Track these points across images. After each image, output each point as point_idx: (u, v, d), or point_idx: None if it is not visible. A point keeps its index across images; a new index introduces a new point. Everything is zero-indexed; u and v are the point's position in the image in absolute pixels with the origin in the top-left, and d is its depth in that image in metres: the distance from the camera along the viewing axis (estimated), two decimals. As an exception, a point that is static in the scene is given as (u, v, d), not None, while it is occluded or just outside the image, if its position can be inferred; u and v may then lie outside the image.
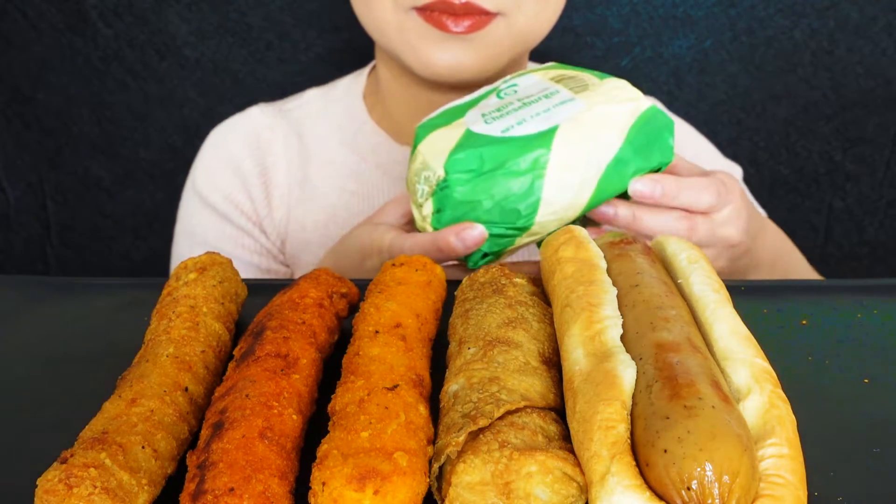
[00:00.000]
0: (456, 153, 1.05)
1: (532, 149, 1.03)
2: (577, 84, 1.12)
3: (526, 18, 1.35)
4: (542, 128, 1.05)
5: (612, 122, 1.07)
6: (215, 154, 1.61)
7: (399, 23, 1.33)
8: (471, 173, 1.04)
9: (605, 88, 1.10)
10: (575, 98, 1.09)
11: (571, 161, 1.04)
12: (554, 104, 1.08)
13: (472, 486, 0.62)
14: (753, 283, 1.11)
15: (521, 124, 1.06)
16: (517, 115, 1.07)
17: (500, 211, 1.04)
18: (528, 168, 1.03)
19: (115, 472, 0.64)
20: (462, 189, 1.04)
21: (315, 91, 1.68)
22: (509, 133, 1.05)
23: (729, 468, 0.57)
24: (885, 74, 1.87)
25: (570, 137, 1.04)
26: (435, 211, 1.08)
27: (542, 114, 1.07)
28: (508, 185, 1.03)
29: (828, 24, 1.83)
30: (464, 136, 1.07)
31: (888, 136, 1.93)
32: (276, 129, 1.60)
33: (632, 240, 0.91)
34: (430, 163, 1.08)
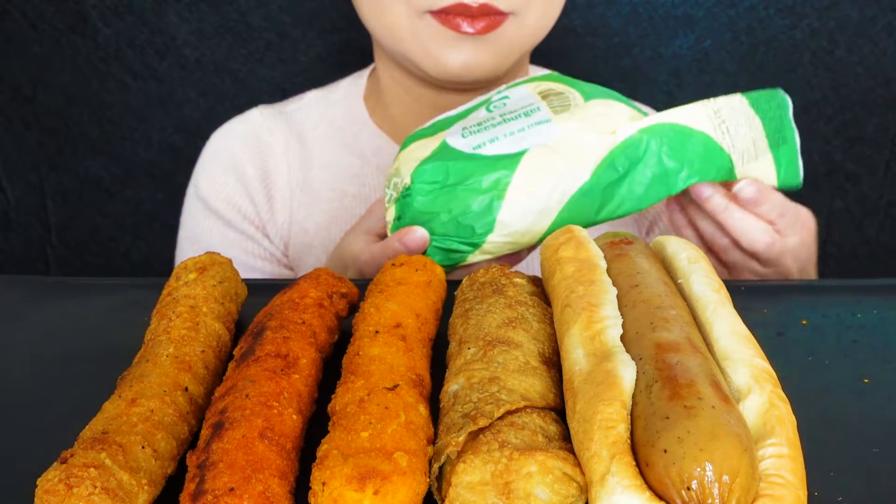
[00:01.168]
0: (425, 164, 1.07)
1: (496, 169, 1.04)
2: (561, 103, 1.11)
3: (535, 17, 1.36)
4: (512, 150, 1.06)
5: (582, 152, 1.06)
6: (217, 159, 1.60)
7: (413, 26, 1.33)
8: (434, 185, 1.05)
9: (588, 113, 1.10)
10: (551, 120, 1.08)
11: (533, 187, 1.05)
12: (530, 124, 1.08)
13: (472, 486, 0.62)
14: (753, 283, 1.11)
15: (493, 142, 1.07)
16: (492, 133, 1.08)
17: (456, 225, 1.05)
18: (488, 187, 1.04)
19: (115, 472, 0.64)
20: (422, 199, 1.06)
21: (315, 93, 1.67)
22: (479, 150, 1.06)
23: (729, 468, 0.57)
24: (885, 74, 1.87)
25: (537, 163, 1.05)
26: (396, 217, 1.10)
27: (515, 133, 1.07)
28: (468, 201, 1.04)
29: (828, 24, 1.83)
30: (438, 147, 1.09)
31: (888, 136, 1.93)
32: (276, 132, 1.60)
33: (632, 240, 0.91)
34: (401, 170, 1.10)
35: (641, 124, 1.09)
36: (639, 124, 1.08)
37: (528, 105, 1.12)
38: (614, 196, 1.07)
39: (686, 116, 1.10)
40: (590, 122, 1.08)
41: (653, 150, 1.07)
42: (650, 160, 1.07)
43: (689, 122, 1.10)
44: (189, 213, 1.61)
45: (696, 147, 1.09)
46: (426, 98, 1.51)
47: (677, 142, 1.08)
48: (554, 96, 1.13)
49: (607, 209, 1.08)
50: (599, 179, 1.06)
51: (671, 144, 1.08)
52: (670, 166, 1.08)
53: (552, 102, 1.12)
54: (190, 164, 1.65)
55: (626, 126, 1.08)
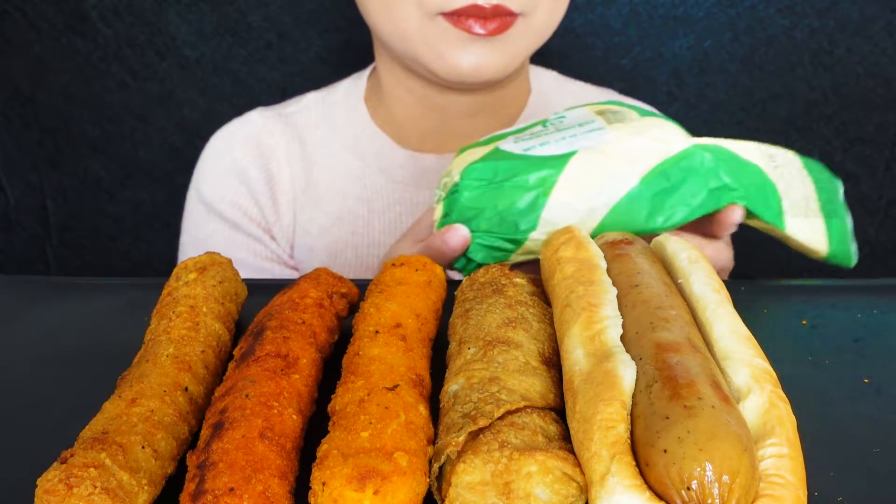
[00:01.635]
0: (475, 163, 1.07)
1: (544, 168, 1.04)
2: (616, 117, 1.12)
3: (542, 18, 1.38)
4: (561, 151, 1.06)
5: (633, 158, 1.05)
6: (218, 161, 1.60)
7: (423, 28, 1.33)
8: (482, 182, 1.05)
9: (642, 125, 1.10)
10: (605, 128, 1.09)
11: (580, 187, 1.04)
12: (582, 132, 1.09)
13: (472, 486, 0.62)
14: (753, 283, 1.11)
15: (544, 146, 1.07)
16: (544, 139, 1.09)
17: (500, 221, 1.05)
18: (535, 184, 1.04)
19: (115, 472, 0.64)
20: (469, 195, 1.05)
21: (314, 94, 1.67)
22: (529, 152, 1.07)
23: (729, 468, 0.57)
24: (885, 74, 1.87)
25: (585, 164, 1.04)
26: (443, 215, 1.09)
27: (567, 139, 1.08)
28: (513, 197, 1.04)
29: (828, 24, 1.83)
30: (490, 151, 1.09)
31: (888, 136, 1.93)
32: (276, 134, 1.60)
33: (632, 240, 0.91)
34: (452, 170, 1.11)
35: (697, 140, 1.08)
36: (694, 140, 1.08)
37: (584, 119, 1.13)
38: (664, 205, 1.05)
39: (739, 147, 1.10)
40: (642, 132, 1.08)
41: (709, 164, 1.06)
42: (708, 174, 1.06)
43: (743, 153, 1.09)
44: (192, 217, 1.60)
45: (751, 175, 1.08)
46: (429, 99, 1.51)
47: (733, 165, 1.07)
48: (611, 113, 1.14)
49: (658, 218, 1.06)
50: (649, 186, 1.05)
51: (727, 164, 1.07)
52: (728, 183, 1.07)
53: (608, 117, 1.12)
54: (190, 163, 1.65)
55: (680, 140, 1.08)
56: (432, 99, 1.51)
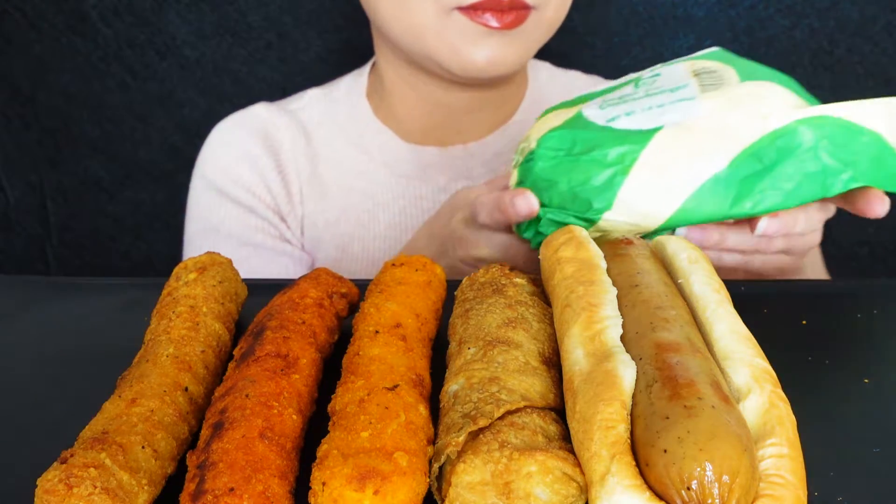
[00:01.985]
0: (554, 131, 1.01)
1: (625, 143, 0.96)
2: (713, 80, 1.02)
3: (553, 11, 1.39)
4: (646, 125, 0.98)
5: (722, 137, 0.95)
6: (228, 149, 1.59)
7: (439, 24, 1.33)
8: (558, 152, 1.00)
9: (739, 93, 0.99)
10: (696, 98, 0.99)
11: (662, 167, 0.95)
12: (672, 100, 1.00)
13: (472, 486, 0.62)
14: (753, 283, 1.11)
15: (629, 116, 0.99)
16: (630, 106, 1.01)
17: (573, 197, 0.98)
18: (614, 161, 0.96)
19: (115, 472, 0.64)
20: (543, 165, 1.00)
21: (316, 91, 1.68)
22: (612, 123, 0.99)
23: (729, 468, 0.57)
24: (885, 74, 1.87)
25: (670, 142, 0.96)
26: (517, 182, 1.05)
27: (654, 108, 0.99)
28: (589, 173, 0.97)
29: (828, 24, 1.83)
30: (573, 117, 1.03)
31: (888, 136, 1.93)
32: (282, 128, 1.60)
33: (632, 240, 0.91)
34: (531, 135, 1.05)
35: (801, 114, 0.96)
36: (798, 113, 0.96)
37: (678, 82, 1.03)
38: (753, 190, 0.95)
39: (859, 112, 0.97)
40: (738, 104, 0.97)
41: (808, 144, 0.95)
42: (804, 155, 0.95)
43: (862, 119, 0.97)
44: (200, 206, 1.58)
45: (864, 148, 0.96)
46: (432, 95, 1.51)
47: (842, 139, 0.95)
48: (707, 74, 1.04)
49: (744, 203, 0.96)
50: (738, 169, 0.95)
51: (833, 140, 0.95)
52: (830, 165, 0.95)
53: (703, 80, 1.02)
54: (190, 163, 1.65)
55: (781, 113, 0.96)
56: (435, 95, 1.51)
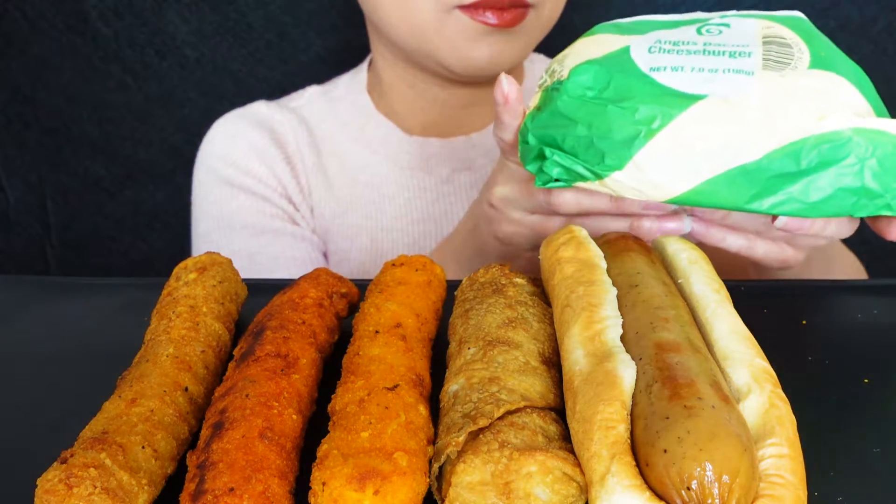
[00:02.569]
0: (591, 63, 0.93)
1: (661, 103, 0.88)
2: (780, 57, 0.92)
3: (550, 9, 1.40)
4: (689, 89, 0.89)
5: (769, 123, 0.87)
6: (234, 141, 1.60)
7: (439, 22, 1.33)
8: (588, 90, 0.92)
9: (802, 82, 0.89)
10: (754, 73, 0.89)
11: (691, 141, 0.88)
12: (728, 68, 0.90)
13: (472, 486, 0.62)
14: (753, 283, 1.11)
15: (676, 71, 0.91)
16: (681, 59, 0.92)
17: (588, 146, 0.91)
18: (642, 120, 0.88)
19: (115, 472, 0.64)
20: (568, 100, 0.93)
21: (315, 88, 1.69)
22: (655, 75, 0.91)
23: (729, 468, 0.57)
24: (885, 74, 1.87)
25: (708, 116, 0.88)
26: (536, 106, 0.97)
27: (706, 71, 0.90)
28: (613, 124, 0.90)
29: (828, 24, 1.83)
30: (617, 51, 0.95)
31: (888, 136, 1.93)
32: (284, 122, 1.61)
33: (632, 240, 0.91)
34: (566, 58, 0.97)
35: (860, 122, 0.86)
36: (856, 121, 0.86)
37: (743, 46, 0.93)
38: (780, 190, 0.87)
39: None
40: (795, 95, 0.88)
41: (856, 158, 0.86)
42: (846, 169, 0.86)
43: None
44: (209, 199, 1.58)
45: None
46: (429, 92, 1.52)
47: (893, 161, 0.86)
48: (777, 46, 0.93)
49: (765, 201, 0.88)
50: (770, 164, 0.87)
51: (884, 162, 0.86)
52: (870, 187, 0.86)
53: (770, 53, 0.92)
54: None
55: (838, 117, 0.87)
56: (433, 92, 1.52)
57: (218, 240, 1.54)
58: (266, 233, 1.52)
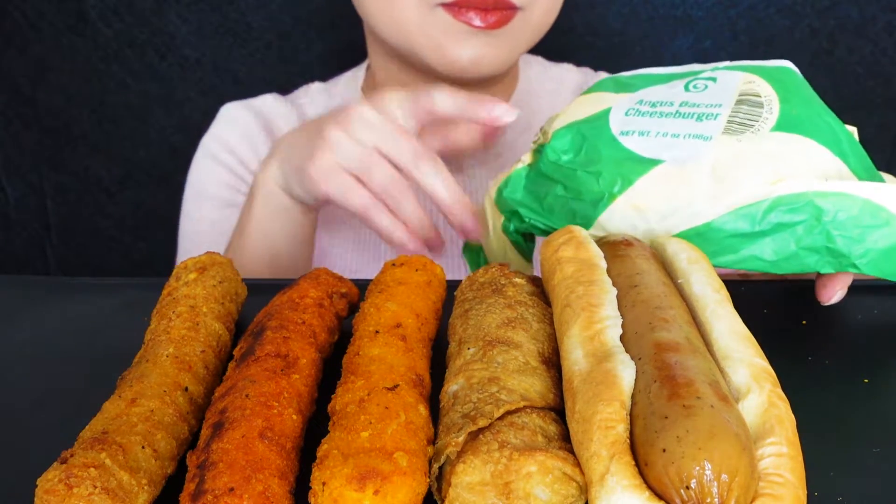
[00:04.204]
0: (571, 128, 1.01)
1: (620, 169, 0.96)
2: (747, 118, 0.95)
3: (540, 13, 1.38)
4: (648, 153, 0.95)
5: (723, 188, 0.91)
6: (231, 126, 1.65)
7: (422, 20, 1.33)
8: (564, 154, 1.00)
9: (761, 147, 0.92)
10: (711, 139, 0.94)
11: (646, 206, 0.94)
12: (690, 133, 0.95)
13: (471, 487, 0.63)
14: (753, 283, 1.11)
15: (642, 136, 0.97)
16: (650, 123, 0.98)
17: (563, 204, 1.00)
18: (605, 184, 0.96)
19: (115, 472, 0.64)
20: (548, 163, 1.02)
21: (318, 85, 1.72)
22: (622, 139, 0.98)
23: (728, 467, 0.57)
24: (885, 74, 1.87)
25: (662, 182, 0.94)
26: (529, 164, 1.06)
27: (669, 136, 0.96)
28: (582, 186, 0.98)
29: (828, 24, 1.83)
30: (599, 113, 1.02)
31: (888, 136, 1.93)
32: (283, 116, 1.65)
33: (632, 241, 0.91)
34: (556, 119, 1.05)
35: (821, 186, 0.88)
36: (815, 185, 0.89)
37: (715, 106, 0.98)
38: (739, 249, 0.92)
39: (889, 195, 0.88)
40: (751, 159, 0.91)
41: (816, 219, 0.89)
42: (808, 230, 0.89)
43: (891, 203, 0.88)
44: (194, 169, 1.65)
45: (880, 238, 0.88)
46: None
47: (857, 226, 0.88)
48: (748, 106, 0.97)
49: (724, 258, 0.92)
50: (723, 226, 0.91)
51: (846, 227, 0.88)
52: (835, 248, 0.89)
53: (737, 114, 0.96)
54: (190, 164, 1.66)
55: (796, 182, 0.89)
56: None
57: (189, 208, 1.63)
58: (232, 206, 1.58)
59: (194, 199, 1.64)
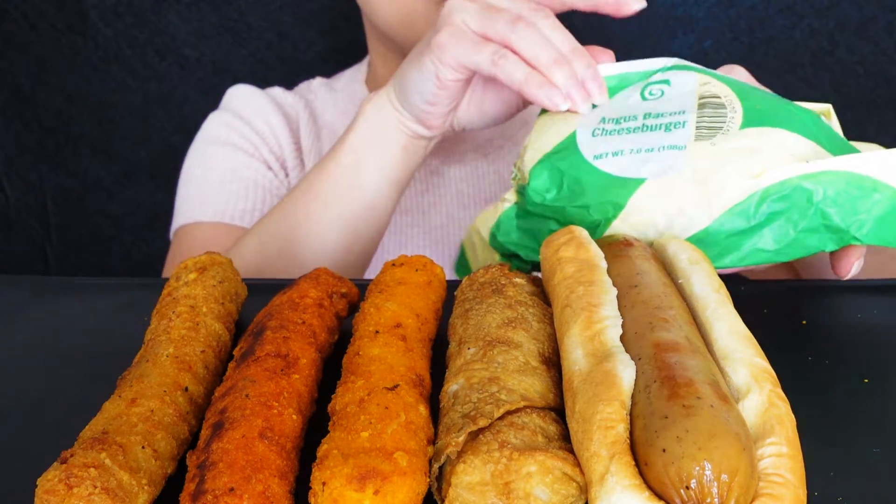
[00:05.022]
0: (544, 164, 1.00)
1: (608, 194, 0.96)
2: (713, 121, 0.96)
3: None
4: (629, 173, 0.95)
5: (707, 195, 0.92)
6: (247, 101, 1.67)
7: (427, 12, 1.34)
8: (547, 193, 1.00)
9: (735, 146, 0.93)
10: (686, 147, 0.94)
11: (641, 225, 0.95)
12: (664, 144, 0.96)
13: (472, 487, 0.63)
14: (753, 283, 1.11)
15: (616, 156, 0.97)
16: (621, 142, 0.98)
17: None
18: (598, 214, 0.96)
19: (115, 472, 0.64)
20: (534, 205, 1.01)
21: (321, 79, 1.75)
22: (598, 164, 0.97)
23: (728, 467, 0.57)
24: (885, 74, 1.87)
25: (651, 198, 0.94)
26: (515, 201, 1.06)
27: (643, 152, 0.96)
28: (574, 219, 0.98)
29: (828, 24, 1.83)
30: (566, 140, 1.01)
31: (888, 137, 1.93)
32: (295, 106, 1.68)
33: (632, 241, 0.91)
34: (525, 156, 1.04)
35: (801, 170, 0.89)
36: (797, 169, 0.89)
37: (679, 113, 0.98)
38: (741, 246, 0.92)
39: (875, 164, 0.89)
40: (728, 161, 0.92)
41: (808, 201, 0.90)
42: (803, 213, 0.90)
43: (878, 172, 0.88)
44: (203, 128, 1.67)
45: (874, 206, 0.88)
46: None
47: (849, 198, 0.89)
48: (712, 108, 0.98)
49: (729, 258, 0.93)
50: (721, 227, 0.92)
51: (839, 201, 0.89)
52: (833, 224, 0.90)
53: (703, 119, 0.97)
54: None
55: (777, 171, 0.90)
56: None
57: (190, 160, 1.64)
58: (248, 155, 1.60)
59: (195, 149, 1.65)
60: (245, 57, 1.91)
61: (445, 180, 1.59)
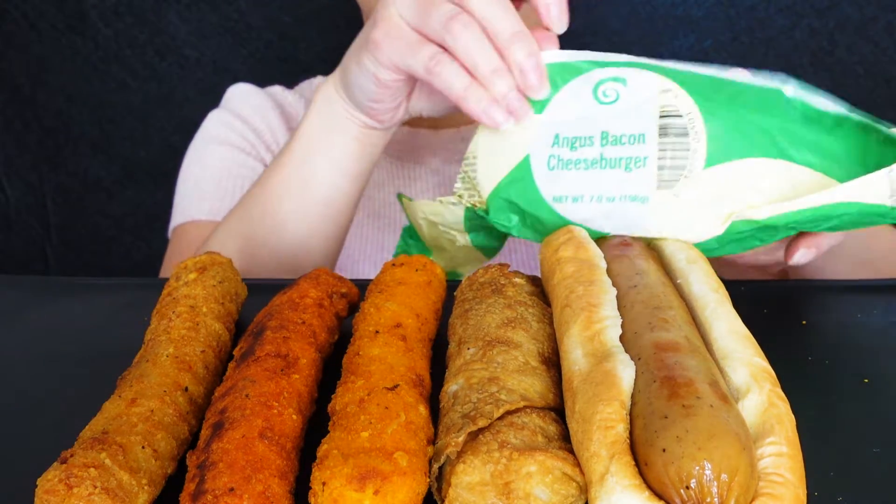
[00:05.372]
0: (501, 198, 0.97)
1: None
2: (676, 155, 0.91)
3: None
4: (592, 225, 0.94)
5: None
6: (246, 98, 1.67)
7: None
8: (511, 225, 0.99)
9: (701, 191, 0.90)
10: (648, 200, 0.91)
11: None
12: (625, 194, 0.92)
13: (471, 487, 0.63)
14: (753, 283, 1.11)
15: (576, 202, 0.94)
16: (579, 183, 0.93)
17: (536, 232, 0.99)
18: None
19: (115, 472, 0.64)
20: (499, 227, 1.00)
21: (321, 78, 1.75)
22: (558, 207, 0.95)
23: (727, 467, 0.57)
24: (885, 74, 1.87)
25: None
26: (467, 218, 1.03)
27: (604, 201, 0.93)
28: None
29: (828, 24, 1.83)
30: (520, 168, 0.96)
31: (888, 136, 1.93)
32: (295, 104, 1.68)
33: (631, 241, 0.91)
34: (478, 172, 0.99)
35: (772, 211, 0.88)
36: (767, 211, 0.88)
37: (638, 139, 0.92)
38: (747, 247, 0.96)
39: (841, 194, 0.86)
40: (696, 213, 0.91)
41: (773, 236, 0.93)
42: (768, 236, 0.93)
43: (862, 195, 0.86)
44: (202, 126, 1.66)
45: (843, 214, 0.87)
46: None
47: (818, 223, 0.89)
48: (674, 136, 0.91)
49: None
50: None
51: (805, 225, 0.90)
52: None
53: (665, 152, 0.91)
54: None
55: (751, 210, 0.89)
56: None
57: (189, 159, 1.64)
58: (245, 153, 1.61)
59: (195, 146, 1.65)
60: (245, 57, 1.91)
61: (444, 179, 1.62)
